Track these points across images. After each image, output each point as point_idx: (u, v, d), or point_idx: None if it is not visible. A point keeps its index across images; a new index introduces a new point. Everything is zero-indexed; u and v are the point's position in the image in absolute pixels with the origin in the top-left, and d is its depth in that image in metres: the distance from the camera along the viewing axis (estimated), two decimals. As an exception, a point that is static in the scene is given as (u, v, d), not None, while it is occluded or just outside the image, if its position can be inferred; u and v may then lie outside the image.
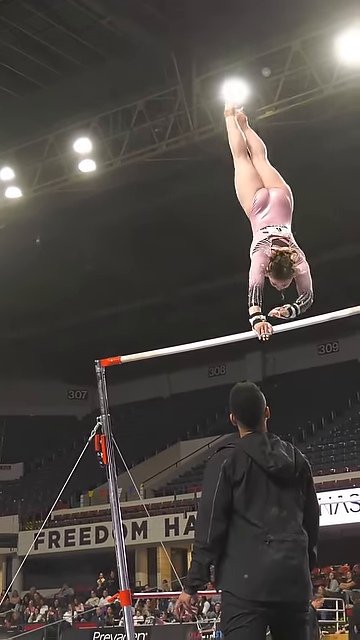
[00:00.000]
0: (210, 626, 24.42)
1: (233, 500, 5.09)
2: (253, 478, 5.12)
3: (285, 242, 7.38)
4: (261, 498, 5.10)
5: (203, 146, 26.22)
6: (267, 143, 8.57)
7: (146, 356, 8.30)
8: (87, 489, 36.78)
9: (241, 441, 5.32)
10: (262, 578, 4.98)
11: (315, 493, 5.41)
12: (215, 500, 5.09)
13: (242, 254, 7.70)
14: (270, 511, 5.09)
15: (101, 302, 37.37)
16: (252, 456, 5.16)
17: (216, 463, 5.21)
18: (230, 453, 5.22)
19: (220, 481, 5.10)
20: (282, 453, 5.24)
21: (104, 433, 8.09)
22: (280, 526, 5.08)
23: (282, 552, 5.03)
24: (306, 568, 5.17)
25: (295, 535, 5.13)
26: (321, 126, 25.35)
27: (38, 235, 31.13)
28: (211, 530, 5.06)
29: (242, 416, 5.38)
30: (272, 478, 5.15)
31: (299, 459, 5.31)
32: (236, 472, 5.12)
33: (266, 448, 5.22)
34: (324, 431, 36.75)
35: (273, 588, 4.99)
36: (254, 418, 5.37)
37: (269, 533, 5.04)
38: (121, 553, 8.04)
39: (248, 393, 5.45)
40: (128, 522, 31.15)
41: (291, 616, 5.14)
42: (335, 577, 26.86)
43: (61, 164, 27.90)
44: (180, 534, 31.69)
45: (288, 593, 5.05)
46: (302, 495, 5.27)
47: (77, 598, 32.48)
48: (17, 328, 38.52)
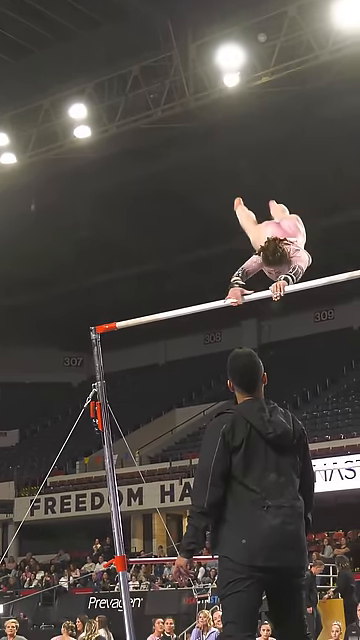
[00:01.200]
0: (205, 591, 24.53)
1: (231, 466, 5.09)
2: (252, 444, 5.12)
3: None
4: (259, 464, 5.11)
5: (199, 112, 26.10)
6: (263, 109, 8.40)
7: (142, 321, 8.26)
8: (83, 456, 36.85)
9: (240, 407, 5.31)
10: (260, 543, 5.00)
11: (311, 460, 5.43)
12: (213, 465, 5.08)
13: (235, 221, 7.67)
14: (268, 477, 5.10)
15: (96, 269, 37.32)
16: (251, 422, 5.16)
17: (215, 428, 5.20)
18: (229, 419, 5.21)
19: (219, 446, 5.10)
20: (280, 420, 5.25)
21: (99, 400, 8.08)
22: (278, 492, 5.09)
23: (280, 518, 5.05)
24: (303, 534, 5.20)
25: (292, 501, 5.14)
26: (317, 92, 25.25)
27: (33, 201, 31.02)
28: (209, 495, 5.07)
29: (240, 381, 5.37)
30: (270, 444, 5.16)
31: (297, 426, 5.32)
32: (235, 438, 5.11)
33: (265, 414, 5.21)
34: (319, 398, 36.81)
35: (271, 553, 5.00)
36: (252, 383, 5.37)
37: (267, 499, 5.05)
38: (116, 519, 8.04)
39: (247, 358, 5.45)
40: (124, 488, 31.23)
41: (288, 581, 5.17)
42: (329, 543, 27.00)
43: (56, 130, 27.78)
44: (175, 500, 31.82)
45: (285, 558, 5.07)
46: (299, 461, 5.28)
47: (73, 564, 32.64)
48: (12, 295, 38.46)
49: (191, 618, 17.21)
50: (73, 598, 28.99)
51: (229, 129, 26.96)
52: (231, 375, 5.43)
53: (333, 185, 30.70)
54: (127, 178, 29.62)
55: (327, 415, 34.71)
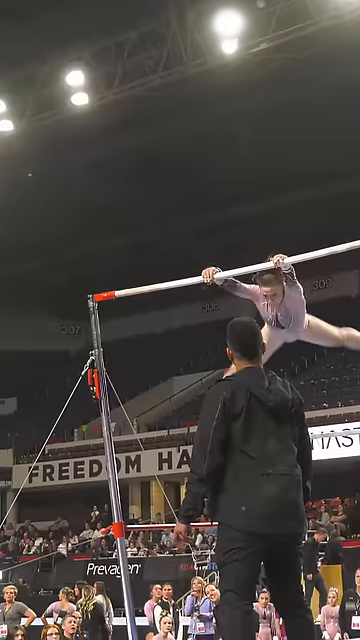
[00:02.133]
0: (204, 558, 24.72)
1: (231, 433, 5.08)
2: (252, 412, 5.11)
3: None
4: (259, 432, 5.11)
5: (197, 79, 25.94)
6: (261, 76, 8.32)
7: (140, 291, 8.24)
8: (81, 423, 36.94)
9: (240, 375, 5.29)
10: (260, 510, 5.01)
11: (307, 429, 5.43)
12: (213, 432, 5.08)
13: (234, 188, 7.65)
14: (268, 445, 5.10)
15: (94, 236, 37.20)
16: (251, 390, 5.15)
17: (215, 395, 5.18)
18: (229, 386, 5.20)
19: (219, 413, 5.08)
20: (280, 388, 5.25)
21: (97, 368, 8.08)
22: (278, 460, 5.10)
23: (280, 485, 5.05)
24: (302, 501, 5.21)
25: (292, 469, 5.15)
26: (316, 58, 25.07)
27: (30, 168, 30.88)
28: (208, 462, 5.07)
29: (241, 348, 5.35)
30: (270, 413, 5.16)
31: (294, 395, 5.33)
32: (235, 405, 5.10)
33: (264, 383, 5.21)
34: (317, 367, 36.86)
35: (270, 520, 5.01)
36: (252, 351, 5.35)
37: (267, 466, 5.05)
38: (114, 486, 8.07)
39: (247, 326, 5.45)
40: (122, 456, 31.35)
41: (286, 548, 5.20)
42: (326, 510, 27.16)
43: (53, 97, 27.61)
44: (173, 468, 31.96)
45: (285, 526, 5.08)
46: (296, 430, 5.28)
47: (71, 530, 32.83)
48: (10, 262, 38.30)
49: (189, 584, 17.30)
50: (71, 564, 29.18)
51: (227, 96, 26.84)
52: (231, 342, 5.41)
53: (332, 152, 30.54)
54: (125, 145, 29.48)
55: (324, 383, 34.78)
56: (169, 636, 13.79)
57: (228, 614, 5.13)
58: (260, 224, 33.73)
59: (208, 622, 14.99)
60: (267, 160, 30.86)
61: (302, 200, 33.26)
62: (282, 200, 32.97)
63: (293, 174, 31.61)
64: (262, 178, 31.54)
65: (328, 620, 15.95)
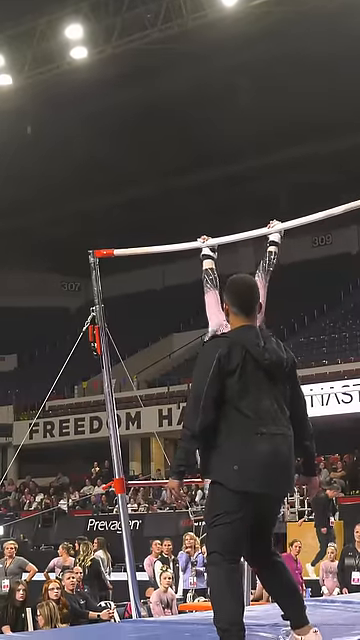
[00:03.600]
0: (202, 513, 24.82)
1: (226, 389, 5.03)
2: (247, 370, 5.06)
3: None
4: (254, 390, 5.06)
5: (196, 32, 25.66)
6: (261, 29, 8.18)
7: (139, 252, 8.27)
8: (81, 380, 36.97)
9: (236, 332, 5.24)
10: (253, 470, 4.97)
11: (301, 388, 5.39)
12: (207, 388, 5.02)
13: (234, 143, 7.55)
14: (262, 403, 5.05)
15: (93, 191, 36.99)
16: (247, 347, 5.09)
17: (210, 351, 5.13)
18: (225, 342, 5.15)
19: (214, 369, 5.02)
20: (274, 348, 5.20)
21: (98, 324, 8.05)
22: (271, 419, 5.05)
23: (273, 445, 5.01)
24: (293, 462, 5.17)
25: (284, 429, 5.11)
26: (317, 11, 24.84)
27: (29, 123, 30.64)
28: (201, 418, 5.01)
29: (241, 304, 5.28)
30: (265, 371, 5.11)
31: (289, 355, 5.28)
32: (231, 362, 5.05)
33: (260, 341, 5.16)
34: (316, 323, 36.84)
35: (263, 480, 4.98)
36: (250, 308, 5.30)
37: (261, 426, 5.01)
38: (115, 443, 8.07)
39: (247, 283, 5.40)
40: (122, 412, 31.40)
41: (272, 509, 5.25)
42: (326, 467, 27.23)
43: (52, 51, 27.36)
44: (173, 424, 31.99)
45: (276, 486, 5.07)
46: (289, 390, 5.25)
47: (72, 486, 32.98)
48: (9, 218, 38.12)
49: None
50: (72, 520, 29.36)
51: (227, 49, 26.59)
52: (229, 297, 5.35)
53: (334, 105, 30.28)
54: (124, 100, 29.25)
55: (324, 340, 34.76)
56: (169, 591, 13.83)
57: (214, 574, 5.11)
58: (260, 180, 33.56)
59: (201, 576, 15.07)
60: (267, 114, 30.64)
61: (303, 155, 33.06)
62: (282, 155, 32.77)
63: (294, 128, 31.39)
64: (262, 133, 31.33)
65: (327, 575, 16.05)
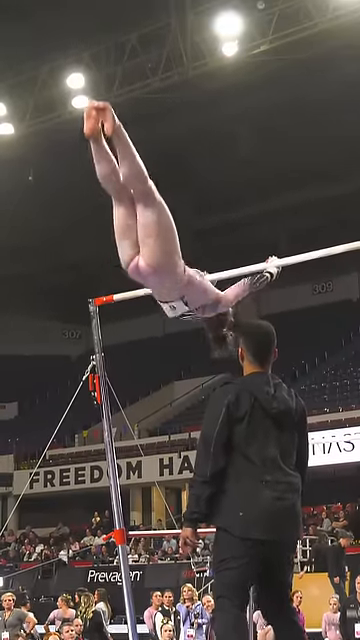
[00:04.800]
0: (204, 564, 24.56)
1: (234, 436, 5.07)
2: (255, 417, 5.10)
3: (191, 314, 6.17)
4: (261, 437, 5.09)
5: (197, 81, 25.87)
6: (261, 78, 8.07)
7: (139, 294, 8.18)
8: (82, 429, 36.83)
9: (246, 379, 5.28)
10: (257, 516, 5.00)
11: (308, 437, 5.41)
12: (217, 435, 5.06)
13: (233, 191, 7.49)
14: (269, 451, 5.09)
15: (94, 239, 37.07)
16: (256, 395, 5.13)
17: (220, 398, 5.16)
18: (234, 390, 5.17)
19: (223, 416, 5.07)
20: (284, 396, 5.24)
21: (98, 372, 8.01)
22: (277, 467, 5.09)
23: (277, 492, 5.05)
24: (299, 509, 5.20)
25: (290, 477, 5.14)
26: (316, 59, 25.02)
27: (31, 172, 30.80)
28: (212, 464, 5.05)
29: (256, 352, 5.32)
30: (273, 420, 5.14)
31: (299, 404, 5.32)
32: (239, 409, 5.08)
33: (269, 389, 5.19)
34: (318, 371, 36.74)
35: (267, 526, 5.00)
36: (265, 357, 5.34)
37: (266, 473, 5.05)
38: (116, 492, 8.00)
39: (266, 331, 5.42)
40: (123, 462, 31.23)
41: (281, 556, 5.18)
42: (328, 516, 27.00)
43: (54, 99, 27.58)
44: (174, 474, 31.83)
45: (281, 532, 5.08)
46: (297, 439, 5.27)
47: (72, 537, 32.72)
48: (11, 265, 38.23)
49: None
50: (72, 571, 29.07)
51: (228, 97, 26.80)
52: (246, 343, 5.38)
53: (332, 152, 30.48)
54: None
55: (325, 388, 34.64)
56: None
57: (221, 620, 5.13)
58: (259, 225, 33.67)
59: (200, 629, 14.85)
60: (267, 160, 30.82)
61: (301, 201, 33.21)
62: (281, 201, 32.90)
63: (293, 175, 31.56)
64: (262, 179, 31.48)
65: (329, 627, 15.87)
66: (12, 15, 26.27)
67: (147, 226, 5.70)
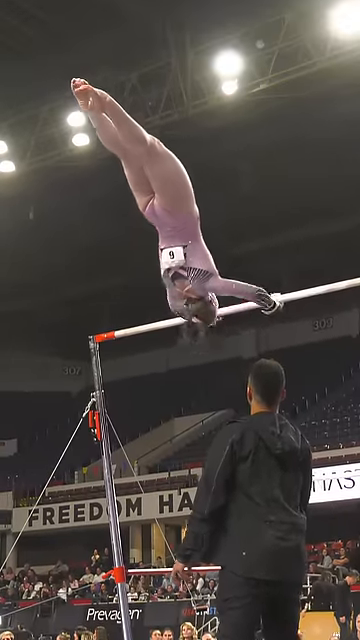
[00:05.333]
0: (204, 602, 24.43)
1: (237, 475, 5.06)
2: (259, 457, 5.09)
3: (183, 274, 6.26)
4: (265, 477, 5.08)
5: (197, 119, 26.04)
6: (261, 116, 8.16)
7: (140, 330, 8.20)
8: (81, 465, 36.74)
9: (252, 418, 5.28)
10: (260, 556, 4.96)
11: (312, 478, 5.42)
12: (218, 473, 5.05)
13: (236, 227, 7.51)
14: (273, 491, 5.07)
15: (96, 275, 37.24)
16: (261, 435, 5.13)
17: (224, 437, 5.16)
18: (239, 429, 5.17)
19: (226, 455, 5.06)
20: (290, 437, 5.23)
21: (98, 409, 8.01)
22: (281, 507, 5.07)
23: (281, 533, 5.02)
24: (303, 550, 5.18)
25: (294, 518, 5.12)
26: (315, 98, 25.21)
27: (31, 209, 30.96)
28: (210, 502, 5.03)
29: (263, 392, 5.32)
30: (277, 460, 5.13)
31: (304, 445, 5.32)
32: (243, 448, 5.08)
33: (275, 430, 5.19)
34: (318, 407, 36.69)
35: (270, 567, 4.96)
36: (273, 397, 5.34)
37: (270, 514, 5.03)
38: (115, 530, 7.98)
39: (275, 372, 5.41)
40: (122, 499, 31.09)
41: (285, 595, 5.14)
42: (328, 553, 26.87)
43: (54, 137, 27.76)
44: (174, 511, 31.69)
45: (285, 572, 5.04)
46: (302, 480, 5.27)
47: (71, 574, 32.54)
48: (11, 301, 38.33)
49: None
50: (72, 609, 28.89)
51: (228, 135, 26.98)
52: (254, 383, 5.37)
53: (332, 190, 30.65)
54: (125, 185, 29.53)
55: (326, 424, 34.58)
56: None
57: None
58: (261, 262, 33.77)
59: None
60: (268, 197, 30.96)
61: (303, 238, 33.35)
62: (283, 238, 33.05)
63: (294, 212, 31.70)
64: (263, 216, 31.62)
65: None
66: (13, 55, 26.55)
67: (158, 178, 6.19)
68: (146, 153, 6.15)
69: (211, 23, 24.30)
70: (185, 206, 6.24)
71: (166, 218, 6.22)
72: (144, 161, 6.17)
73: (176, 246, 6.21)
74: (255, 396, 5.34)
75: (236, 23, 24.28)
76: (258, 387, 5.33)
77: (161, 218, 6.25)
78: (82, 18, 25.34)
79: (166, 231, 6.26)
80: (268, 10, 23.91)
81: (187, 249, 6.20)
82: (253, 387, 5.36)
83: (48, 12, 25.42)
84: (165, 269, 6.29)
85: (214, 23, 24.29)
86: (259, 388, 5.33)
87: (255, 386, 5.35)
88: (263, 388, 5.33)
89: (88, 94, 6.06)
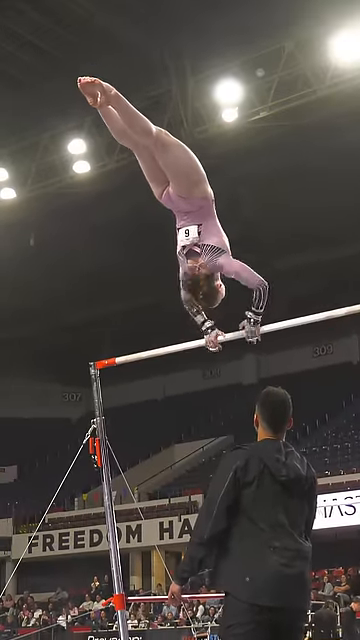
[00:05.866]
0: (204, 630, 24.31)
1: (242, 500, 5.04)
2: (263, 483, 5.08)
3: (197, 251, 6.67)
4: (269, 504, 5.06)
5: (197, 147, 26.11)
6: (261, 143, 8.24)
7: (141, 357, 8.18)
8: (81, 492, 36.65)
9: (257, 445, 5.27)
10: (264, 582, 4.93)
11: (316, 506, 5.39)
12: (221, 498, 5.03)
13: (234, 254, 7.52)
14: (277, 517, 5.05)
15: (96, 301, 37.30)
16: (266, 462, 5.12)
17: (229, 462, 5.15)
18: (244, 455, 5.16)
19: (229, 481, 5.04)
20: (295, 464, 5.21)
21: (98, 436, 8.01)
22: (285, 533, 5.04)
23: (285, 560, 4.99)
24: (308, 577, 5.15)
25: (299, 545, 5.09)
26: (315, 126, 25.33)
27: (32, 235, 31.07)
28: (210, 527, 5.02)
29: (270, 419, 5.31)
30: (282, 487, 5.11)
31: (310, 473, 5.30)
32: (247, 474, 5.06)
33: (280, 457, 5.17)
34: (318, 433, 36.65)
35: (274, 593, 4.94)
36: (280, 425, 5.32)
37: (274, 539, 5.00)
38: (115, 556, 7.94)
39: (283, 400, 5.39)
40: (122, 525, 31.03)
41: (289, 623, 5.09)
42: (329, 580, 26.76)
43: (55, 165, 27.90)
44: (174, 537, 31.58)
45: (289, 600, 5.00)
46: (306, 508, 5.25)
47: (71, 602, 32.39)
48: (11, 328, 38.39)
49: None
50: (71, 637, 28.77)
51: (228, 163, 27.08)
52: (261, 411, 5.35)
53: (332, 218, 30.76)
54: (126, 211, 29.68)
55: (326, 450, 34.54)
56: None
57: None
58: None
59: None
60: (268, 225, 31.07)
61: (302, 264, 33.42)
62: (283, 264, 33.14)
63: (294, 239, 31.80)
64: (263, 243, 31.72)
65: None
66: (13, 83, 26.72)
67: (169, 167, 6.50)
68: (154, 143, 6.43)
69: (211, 52, 24.47)
70: (198, 191, 6.57)
71: (181, 204, 6.58)
72: (154, 151, 6.48)
73: (191, 225, 6.63)
74: (262, 423, 5.33)
75: (236, 52, 24.45)
76: (265, 415, 5.32)
77: (177, 204, 6.62)
78: (82, 45, 25.51)
79: (182, 214, 6.64)
80: (268, 39, 24.09)
81: (201, 227, 6.64)
82: (260, 414, 5.35)
83: (47, 40, 25.59)
84: (180, 247, 6.69)
85: (214, 51, 24.46)
86: (266, 416, 5.32)
87: (262, 414, 5.34)
88: (270, 416, 5.32)
89: (95, 86, 6.50)
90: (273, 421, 5.31)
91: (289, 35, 23.89)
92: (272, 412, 5.32)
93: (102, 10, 24.23)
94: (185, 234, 6.66)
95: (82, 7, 24.20)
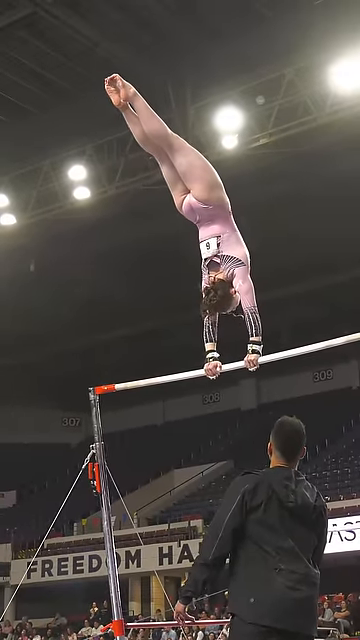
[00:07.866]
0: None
1: (248, 524, 5.06)
2: (271, 509, 5.09)
3: (217, 262, 7.23)
4: (276, 529, 5.07)
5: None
6: (261, 170, 8.37)
7: (141, 384, 8.24)
8: (80, 517, 36.55)
9: (268, 471, 5.29)
10: (269, 604, 4.93)
11: (326, 538, 5.37)
12: (227, 521, 5.06)
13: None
14: (284, 543, 5.05)
15: (96, 328, 37.35)
16: (274, 487, 5.13)
17: (238, 486, 5.18)
18: (254, 480, 5.18)
19: (237, 504, 5.07)
20: (304, 492, 5.21)
21: (98, 461, 8.03)
22: (292, 557, 5.04)
23: (291, 582, 4.98)
24: (315, 603, 5.14)
25: (307, 569, 5.08)
26: (315, 153, 25.44)
27: (32, 261, 31.14)
28: (215, 549, 5.05)
29: (283, 448, 5.33)
30: (289, 513, 5.12)
31: (319, 502, 5.29)
32: (255, 498, 5.08)
33: (290, 484, 5.18)
34: (319, 459, 36.59)
35: (280, 615, 4.93)
36: (293, 454, 5.35)
37: (280, 562, 4.99)
38: (114, 582, 7.94)
39: (297, 430, 5.41)
40: (121, 550, 30.93)
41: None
42: (330, 606, 26.65)
43: (56, 191, 27.96)
44: (174, 563, 31.46)
45: (294, 623, 4.98)
46: (314, 536, 5.23)
47: (70, 627, 32.24)
48: (11, 354, 38.43)
49: None
50: (70, 663, 28.58)
51: (228, 189, 27.15)
52: (275, 440, 5.38)
53: (332, 245, 30.85)
54: (126, 238, 29.78)
55: (326, 476, 34.47)
56: None
57: None
58: (261, 316, 33.88)
59: None
60: (267, 253, 31.12)
61: (302, 292, 33.47)
62: (282, 292, 33.21)
63: (293, 267, 31.87)
64: (262, 270, 31.76)
65: None
66: (16, 112, 26.88)
67: (185, 172, 6.92)
68: (168, 148, 6.84)
69: (212, 79, 24.62)
70: (215, 195, 6.99)
71: (201, 210, 6.99)
72: (170, 156, 6.89)
73: (211, 238, 7.12)
74: (275, 452, 5.35)
75: (237, 79, 24.59)
76: (278, 443, 5.35)
77: (197, 211, 7.04)
78: (82, 74, 25.70)
79: (203, 224, 7.08)
80: (268, 66, 24.24)
81: (221, 239, 7.14)
82: (274, 443, 5.37)
83: (50, 69, 25.76)
84: (203, 259, 7.20)
85: (215, 79, 24.61)
86: (279, 444, 5.34)
87: (276, 442, 5.36)
88: (283, 445, 5.34)
89: (116, 81, 7.14)
90: (286, 450, 5.33)
91: (289, 63, 24.02)
92: (285, 441, 5.34)
93: (106, 40, 24.39)
94: (206, 247, 7.17)
95: (86, 37, 24.36)
